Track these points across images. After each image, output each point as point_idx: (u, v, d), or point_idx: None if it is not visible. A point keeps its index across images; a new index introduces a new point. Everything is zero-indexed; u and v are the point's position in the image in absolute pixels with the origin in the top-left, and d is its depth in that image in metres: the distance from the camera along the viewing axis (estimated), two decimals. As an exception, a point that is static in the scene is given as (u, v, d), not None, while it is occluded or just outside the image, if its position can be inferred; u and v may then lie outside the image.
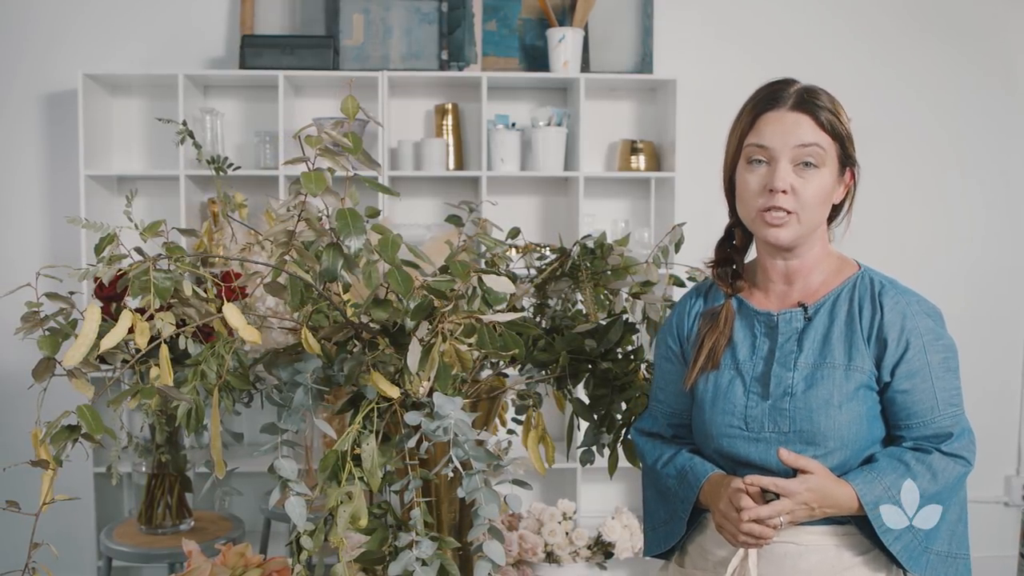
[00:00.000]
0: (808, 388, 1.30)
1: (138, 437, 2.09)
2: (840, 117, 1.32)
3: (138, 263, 0.90)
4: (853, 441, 1.29)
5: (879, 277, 1.36)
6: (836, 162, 1.32)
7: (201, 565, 1.50)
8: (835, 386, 1.29)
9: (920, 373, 1.29)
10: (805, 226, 1.31)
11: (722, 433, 1.35)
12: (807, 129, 1.30)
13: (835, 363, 1.30)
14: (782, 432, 1.30)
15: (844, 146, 1.33)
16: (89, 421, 0.87)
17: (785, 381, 1.31)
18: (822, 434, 1.28)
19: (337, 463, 1.17)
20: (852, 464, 1.30)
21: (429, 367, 1.04)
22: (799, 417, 1.29)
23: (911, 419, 1.31)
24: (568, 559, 2.58)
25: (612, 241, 1.67)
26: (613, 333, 1.51)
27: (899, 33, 3.54)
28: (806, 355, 1.32)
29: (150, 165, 3.38)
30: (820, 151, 1.29)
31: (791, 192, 1.29)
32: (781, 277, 1.38)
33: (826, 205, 1.33)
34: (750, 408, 1.33)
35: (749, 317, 1.39)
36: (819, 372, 1.30)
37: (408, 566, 1.15)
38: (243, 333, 0.93)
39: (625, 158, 3.40)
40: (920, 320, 1.30)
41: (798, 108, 1.31)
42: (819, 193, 1.30)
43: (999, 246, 3.65)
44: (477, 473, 1.16)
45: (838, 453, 1.29)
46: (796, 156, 1.29)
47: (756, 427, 1.32)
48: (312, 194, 1.00)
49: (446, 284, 1.07)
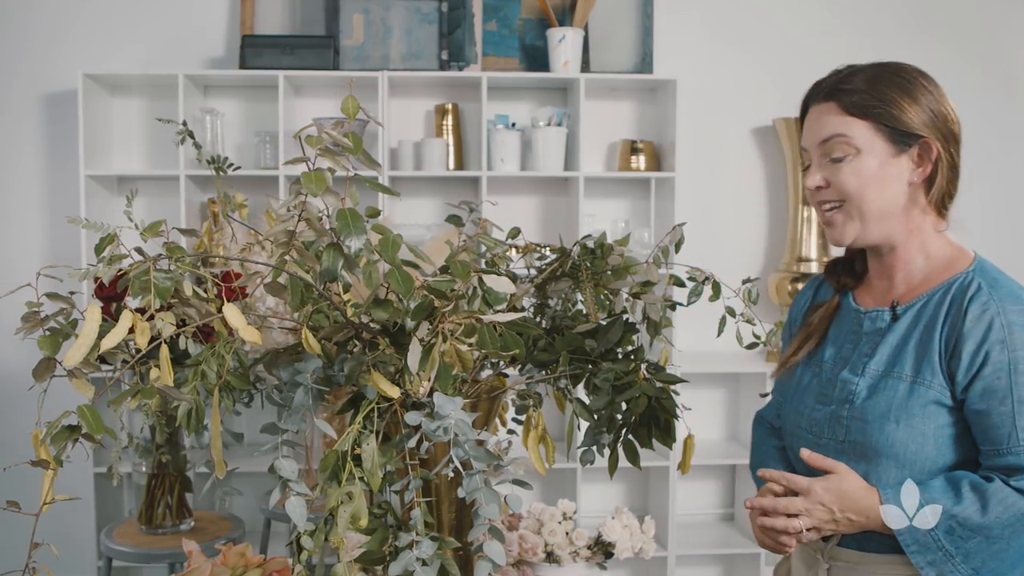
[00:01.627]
0: (868, 398, 1.20)
1: (138, 437, 2.09)
2: (882, 94, 1.19)
3: (138, 263, 0.90)
4: (912, 461, 1.16)
5: (985, 279, 1.20)
6: (882, 141, 1.19)
7: (201, 565, 1.50)
8: (895, 399, 1.17)
9: (998, 394, 1.13)
10: (867, 215, 1.20)
11: (791, 433, 1.30)
12: (829, 119, 1.20)
13: (903, 375, 1.19)
14: (838, 440, 1.22)
15: (889, 122, 1.19)
16: (90, 421, 0.87)
17: (849, 387, 1.22)
18: (874, 448, 1.18)
19: (337, 463, 1.17)
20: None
21: (429, 367, 1.04)
22: (853, 427, 1.20)
23: (984, 445, 1.16)
24: (568, 559, 2.58)
25: (612, 241, 1.67)
26: (613, 333, 1.51)
27: (899, 34, 3.54)
28: (877, 361, 1.22)
29: (150, 165, 3.38)
30: (843, 140, 1.19)
31: (827, 186, 1.20)
32: (878, 272, 1.28)
33: (885, 189, 1.20)
34: (815, 411, 1.26)
35: (849, 314, 1.30)
36: (884, 382, 1.20)
37: (408, 566, 1.15)
38: (243, 333, 0.93)
39: (625, 158, 3.40)
40: (1013, 333, 1.13)
41: (822, 98, 1.21)
42: (860, 179, 1.18)
43: (999, 246, 3.64)
44: (477, 473, 1.16)
45: (893, 472, 1.18)
46: (823, 152, 1.21)
47: (818, 431, 1.25)
48: (313, 194, 1.00)
49: (446, 284, 1.07)
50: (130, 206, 1.28)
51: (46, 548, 1.07)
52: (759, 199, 3.57)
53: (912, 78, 1.22)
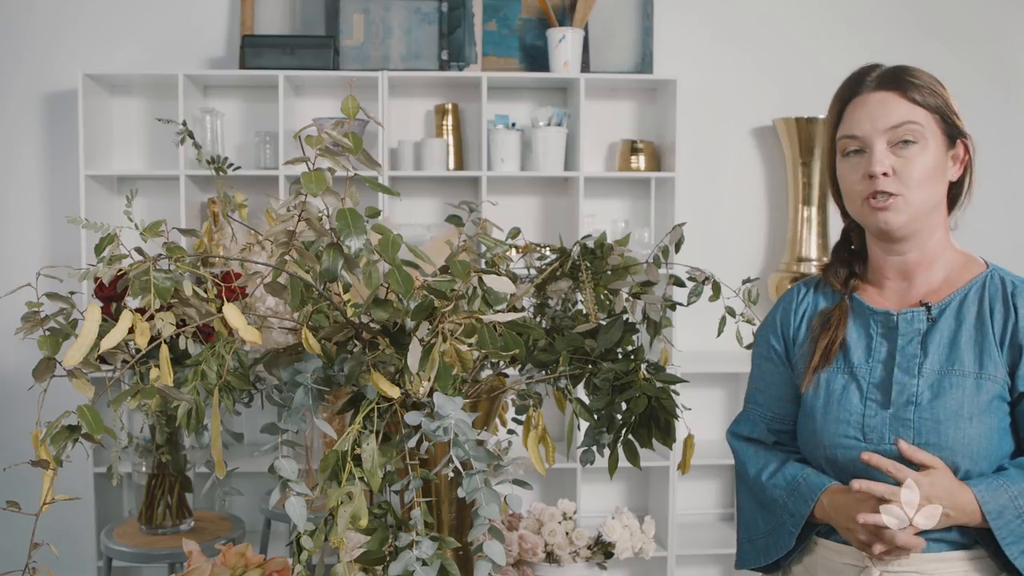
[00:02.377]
0: (935, 397, 1.18)
1: (138, 437, 2.09)
2: (936, 89, 1.22)
3: (138, 263, 0.90)
4: (983, 457, 1.17)
5: (1011, 277, 1.24)
6: (941, 135, 1.21)
7: (201, 565, 1.50)
8: (965, 396, 1.17)
9: None
10: (915, 209, 1.20)
11: (836, 444, 1.24)
12: (897, 106, 1.20)
13: (965, 371, 1.18)
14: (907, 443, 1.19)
15: (946, 118, 1.21)
16: (89, 421, 0.87)
17: (909, 389, 1.20)
18: (950, 448, 1.17)
19: (337, 463, 1.17)
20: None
21: (429, 367, 1.04)
22: (925, 429, 1.18)
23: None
24: (568, 559, 2.58)
25: (612, 241, 1.67)
26: (613, 333, 1.51)
27: (899, 35, 3.54)
28: (932, 360, 1.20)
29: (150, 165, 3.38)
30: (916, 127, 1.19)
31: (892, 174, 1.19)
32: (897, 273, 1.26)
33: (936, 184, 1.21)
34: (868, 417, 1.22)
35: (864, 316, 1.27)
36: (947, 380, 1.19)
37: (408, 566, 1.15)
38: (243, 334, 0.93)
39: (625, 158, 3.40)
40: None
41: (883, 87, 1.22)
42: (924, 171, 1.19)
43: (998, 246, 3.64)
44: (477, 473, 1.16)
45: (966, 466, 1.18)
46: (892, 137, 1.20)
47: (875, 437, 1.21)
48: (313, 194, 1.00)
49: (447, 284, 1.07)
50: (130, 206, 1.28)
51: (47, 548, 1.08)
52: (759, 199, 3.57)
53: (942, 82, 1.26)
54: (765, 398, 1.39)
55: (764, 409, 1.39)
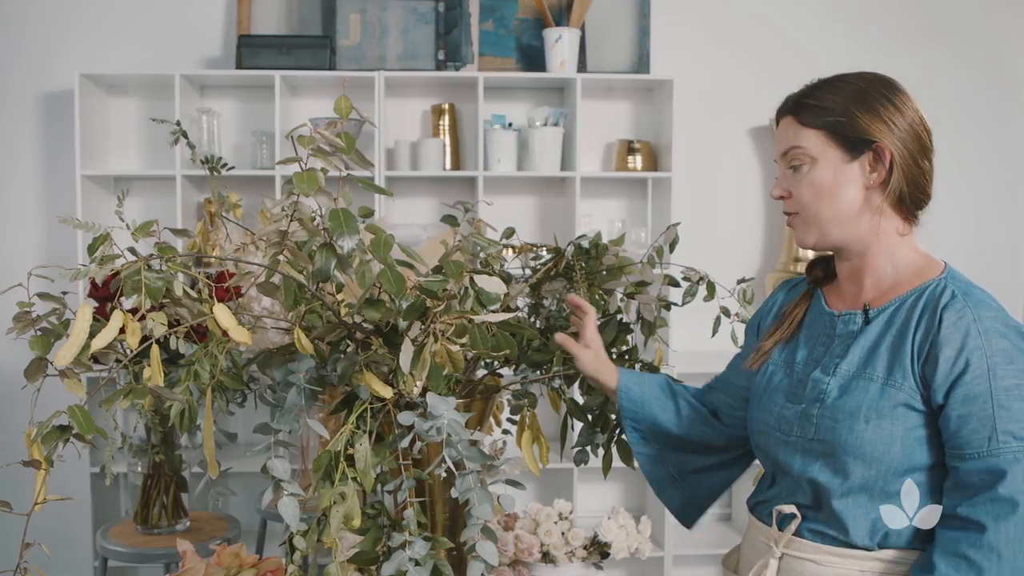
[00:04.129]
0: (839, 397, 1.22)
1: (132, 437, 2.09)
2: (836, 103, 1.24)
3: (130, 263, 0.90)
4: (879, 461, 1.19)
5: (958, 287, 1.22)
6: (836, 149, 1.24)
7: (196, 565, 1.50)
8: (867, 399, 1.20)
9: (979, 399, 1.15)
10: (822, 224, 1.26)
11: (758, 430, 1.34)
12: (788, 132, 1.29)
13: (874, 376, 1.21)
14: (807, 438, 1.25)
15: (841, 131, 1.24)
16: (80, 421, 0.87)
17: (820, 386, 1.25)
18: (842, 447, 1.20)
19: (331, 463, 1.17)
20: (878, 486, 1.21)
21: (420, 367, 1.04)
22: (823, 425, 1.23)
23: (964, 449, 1.17)
24: (564, 559, 2.58)
25: (607, 241, 1.67)
26: (607, 334, 1.51)
27: (897, 35, 3.54)
28: (849, 363, 1.24)
29: (147, 165, 3.37)
30: (800, 151, 1.26)
31: (789, 196, 1.29)
32: (847, 277, 1.31)
33: (839, 198, 1.25)
34: (785, 409, 1.29)
35: (817, 315, 1.34)
36: (855, 382, 1.22)
37: (401, 566, 1.15)
38: (234, 334, 0.93)
39: (622, 158, 3.40)
40: (991, 340, 1.16)
41: (786, 113, 1.30)
42: (813, 189, 1.25)
43: (998, 245, 3.65)
44: (470, 473, 1.16)
45: (860, 472, 1.21)
46: (785, 163, 1.30)
47: (786, 429, 1.28)
48: (305, 194, 1.00)
49: (438, 284, 1.07)
50: (121, 206, 1.28)
51: (41, 548, 1.07)
52: (756, 199, 3.57)
53: (870, 86, 1.26)
54: (729, 370, 1.51)
55: (724, 373, 1.52)
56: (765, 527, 1.33)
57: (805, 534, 1.27)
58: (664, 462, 1.49)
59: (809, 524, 1.27)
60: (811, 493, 1.26)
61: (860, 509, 1.22)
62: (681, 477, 1.50)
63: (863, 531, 1.22)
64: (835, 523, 1.24)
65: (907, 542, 1.22)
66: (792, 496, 1.29)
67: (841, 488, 1.22)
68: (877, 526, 1.22)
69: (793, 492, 1.29)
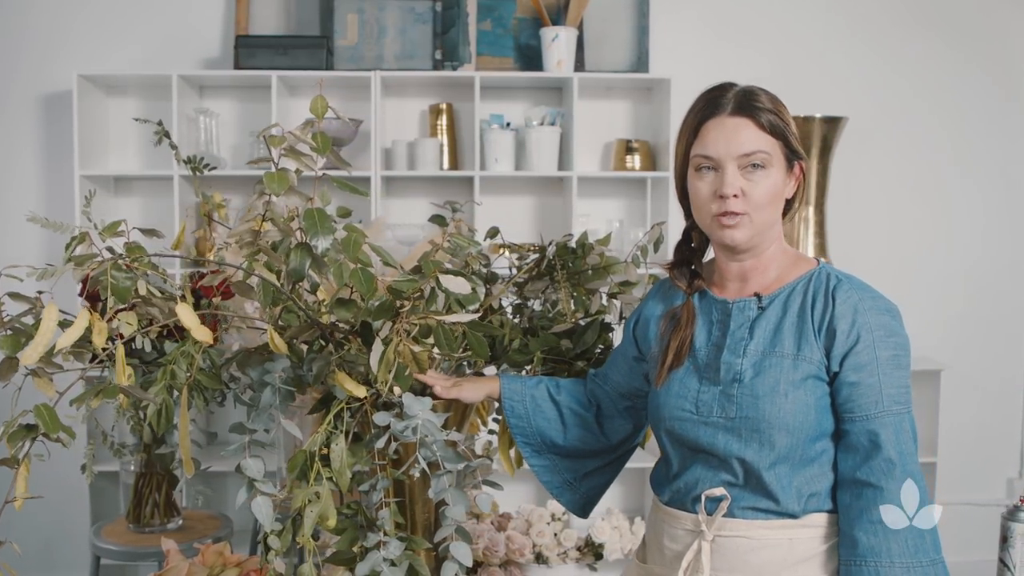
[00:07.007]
0: (756, 375, 1.32)
1: (111, 435, 2.09)
2: (782, 115, 1.34)
3: (97, 263, 0.90)
4: (799, 429, 1.30)
5: (837, 273, 1.37)
6: (783, 159, 1.34)
7: (179, 564, 1.50)
8: (782, 374, 1.31)
9: (868, 367, 1.30)
10: (758, 226, 1.33)
11: (673, 416, 1.37)
12: (749, 133, 1.31)
13: (784, 352, 1.32)
14: (729, 417, 1.32)
15: (788, 143, 1.34)
16: (46, 420, 0.87)
17: (734, 367, 1.33)
18: (767, 421, 1.30)
19: (306, 463, 1.17)
20: (798, 453, 1.31)
21: (384, 367, 1.04)
22: (746, 403, 1.31)
23: (855, 411, 1.31)
24: (557, 560, 2.58)
25: (594, 240, 1.67)
26: (589, 335, 1.50)
27: (898, 32, 3.52)
28: (756, 343, 1.34)
29: (145, 165, 3.38)
30: (764, 155, 1.31)
31: (741, 195, 1.31)
32: (736, 276, 1.39)
33: (777, 203, 1.35)
34: (702, 393, 1.35)
35: (708, 305, 1.41)
36: (767, 360, 1.32)
37: (376, 566, 1.15)
38: (195, 333, 0.93)
39: (620, 158, 3.39)
40: (873, 316, 1.31)
41: (738, 113, 1.32)
42: (768, 193, 1.32)
43: (999, 245, 3.62)
44: (445, 474, 1.15)
45: (784, 440, 1.30)
46: (742, 162, 1.32)
47: (705, 411, 1.34)
48: (275, 194, 1.00)
49: (407, 284, 1.07)
50: (88, 207, 1.28)
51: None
52: (755, 199, 3.55)
53: (785, 106, 1.37)
54: (611, 369, 1.54)
55: (606, 372, 1.54)
56: (690, 515, 1.38)
57: (736, 512, 1.34)
58: (558, 470, 1.57)
59: (739, 502, 1.34)
60: (741, 470, 1.33)
61: (786, 478, 1.31)
62: (576, 481, 1.59)
63: (791, 498, 1.32)
64: (766, 495, 1.32)
65: (828, 505, 1.33)
66: (717, 477, 1.35)
67: (768, 459, 1.31)
68: (802, 491, 1.32)
69: (717, 473, 1.34)
